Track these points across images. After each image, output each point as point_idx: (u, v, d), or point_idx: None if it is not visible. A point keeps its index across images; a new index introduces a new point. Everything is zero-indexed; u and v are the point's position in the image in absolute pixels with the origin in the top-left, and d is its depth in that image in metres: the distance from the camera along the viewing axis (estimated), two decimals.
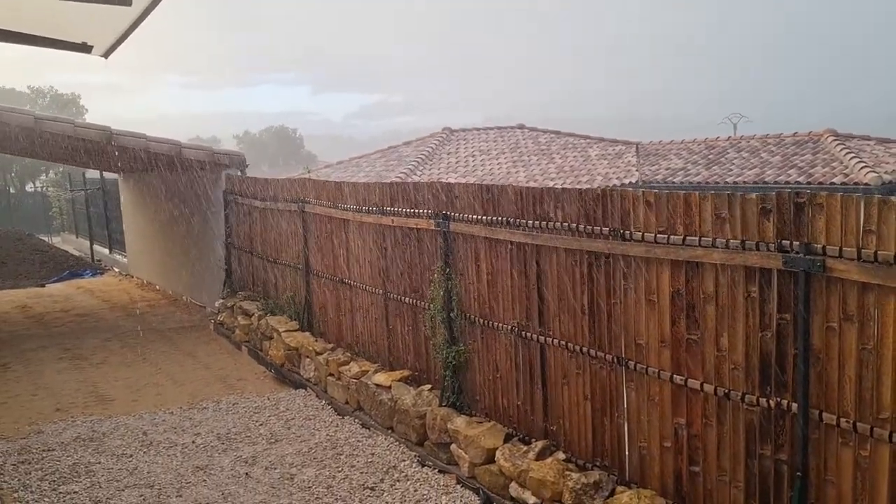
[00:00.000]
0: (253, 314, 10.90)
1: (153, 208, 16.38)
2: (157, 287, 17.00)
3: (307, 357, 9.05)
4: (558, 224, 5.31)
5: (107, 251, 22.02)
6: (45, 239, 26.90)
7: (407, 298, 7.42)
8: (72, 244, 27.28)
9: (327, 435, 7.40)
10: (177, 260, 15.30)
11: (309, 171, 13.05)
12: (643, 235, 4.65)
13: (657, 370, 4.71)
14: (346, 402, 8.04)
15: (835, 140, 18.53)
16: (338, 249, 8.81)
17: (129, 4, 4.64)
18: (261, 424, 7.78)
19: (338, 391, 8.22)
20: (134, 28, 5.41)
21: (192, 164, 12.75)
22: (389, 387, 7.31)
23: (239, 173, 12.53)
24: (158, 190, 15.58)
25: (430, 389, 6.96)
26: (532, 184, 20.24)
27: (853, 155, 17.22)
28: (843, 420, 3.73)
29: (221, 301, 12.47)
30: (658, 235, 4.55)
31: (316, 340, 9.28)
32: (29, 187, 46.53)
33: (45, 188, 39.58)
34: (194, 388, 9.23)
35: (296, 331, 9.76)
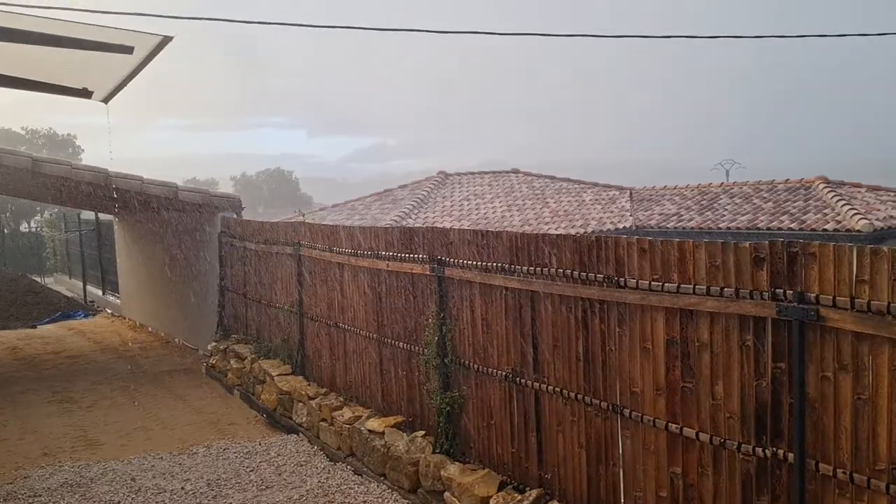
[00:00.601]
0: (246, 357, 10.82)
1: (148, 250, 16.37)
2: (150, 329, 16.90)
3: (300, 402, 8.97)
4: (553, 270, 5.33)
5: (100, 292, 21.92)
6: (38, 279, 26.77)
7: (401, 343, 7.39)
8: (65, 285, 27.16)
9: (319, 482, 7.30)
10: (170, 302, 15.24)
11: (303, 214, 13.08)
12: (638, 283, 4.66)
13: (652, 418, 4.68)
14: (339, 448, 7.94)
15: (826, 187, 18.72)
16: (332, 293, 8.80)
17: (131, 52, 4.71)
18: (251, 470, 7.68)
19: (330, 437, 8.13)
20: (134, 75, 5.49)
21: (187, 206, 12.79)
22: (382, 433, 7.24)
23: (234, 216, 12.55)
24: (153, 232, 15.59)
25: (424, 436, 6.90)
26: (526, 228, 20.34)
27: (845, 202, 17.39)
28: (839, 471, 3.70)
29: (214, 344, 12.38)
30: (653, 283, 4.56)
31: (309, 385, 9.20)
32: (23, 227, 46.49)
33: (39, 228, 39.54)
34: (185, 433, 9.11)
35: (289, 375, 9.69)
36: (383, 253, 7.51)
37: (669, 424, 4.57)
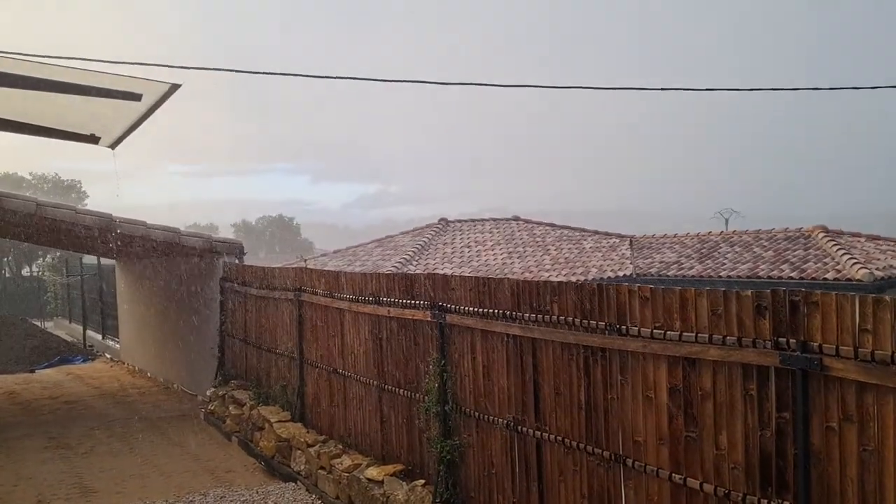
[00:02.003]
0: (245, 404, 10.73)
1: (148, 295, 16.36)
2: (149, 374, 16.79)
3: (298, 449, 8.87)
4: (554, 318, 5.32)
5: (100, 337, 21.84)
6: (39, 324, 26.69)
7: (401, 390, 7.34)
8: (64, 329, 27.06)
9: None
10: (170, 347, 15.17)
11: (305, 260, 13.10)
12: (640, 330, 4.65)
13: (655, 468, 4.63)
14: (337, 497, 7.83)
15: (826, 236, 18.78)
16: (332, 339, 8.77)
17: (139, 100, 4.79)
18: None
19: (329, 485, 8.02)
20: (142, 122, 5.57)
21: (189, 251, 12.83)
22: (382, 481, 7.14)
23: (236, 261, 12.57)
24: (155, 276, 15.60)
25: (424, 485, 6.80)
26: (527, 275, 20.35)
27: (844, 251, 17.42)
28: None
29: (213, 390, 12.29)
30: (654, 331, 4.55)
31: (308, 432, 9.11)
32: (25, 272, 46.52)
33: (41, 273, 39.55)
34: (181, 480, 8.99)
35: (288, 421, 9.59)
36: (384, 299, 7.50)
37: (673, 475, 4.51)
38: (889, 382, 3.42)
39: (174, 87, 4.91)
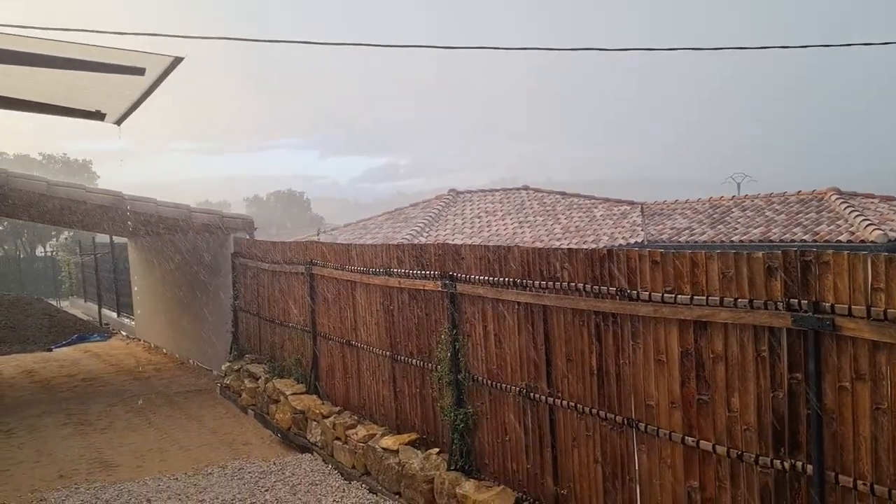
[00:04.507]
0: (259, 377, 10.83)
1: (161, 272, 16.46)
2: (165, 350, 16.95)
3: (314, 420, 8.95)
4: (565, 284, 5.31)
5: (115, 315, 22.04)
6: (54, 303, 26.96)
7: (414, 360, 7.37)
8: (80, 308, 27.32)
9: (334, 501, 7.27)
10: (184, 323, 15.29)
11: (319, 234, 13.15)
12: (650, 295, 4.64)
13: (668, 432, 4.64)
14: (353, 467, 7.91)
15: (839, 198, 18.61)
16: (345, 311, 8.81)
17: (143, 74, 4.76)
18: (266, 490, 7.66)
19: (344, 455, 8.10)
20: (146, 96, 5.55)
21: (200, 227, 12.86)
22: (397, 451, 7.20)
23: (247, 236, 12.61)
24: (167, 254, 15.68)
25: (438, 453, 6.86)
26: (538, 244, 20.32)
27: (858, 213, 17.27)
28: (859, 482, 3.65)
29: (228, 364, 12.41)
30: (665, 295, 4.54)
31: (322, 403, 9.19)
32: (39, 252, 46.86)
33: (54, 252, 39.84)
34: (200, 454, 9.11)
35: (302, 394, 9.68)
36: (395, 270, 7.51)
37: (686, 438, 4.52)
38: None
39: (177, 60, 4.88)
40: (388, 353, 7.86)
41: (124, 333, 20.45)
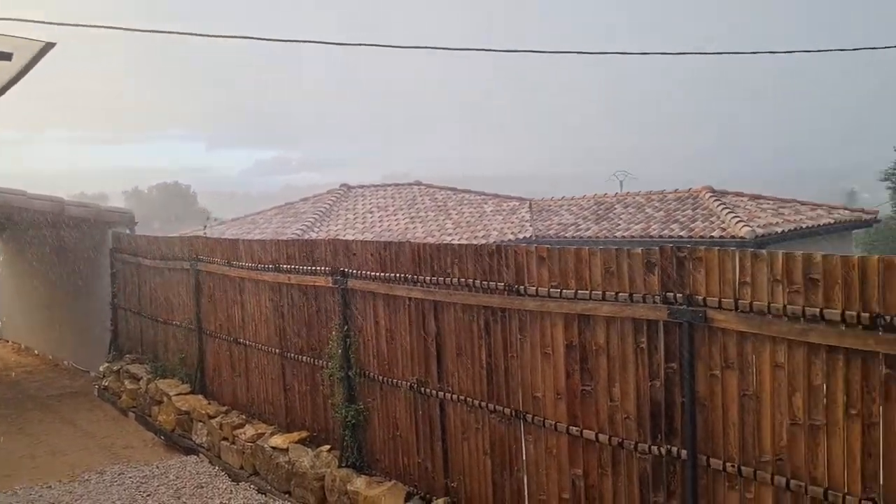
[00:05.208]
0: (141, 378, 10.41)
1: (34, 269, 15.50)
2: (36, 352, 15.98)
3: (200, 421, 8.69)
4: (455, 280, 5.38)
5: None
6: None
7: (304, 357, 7.28)
8: None
9: (220, 503, 7.08)
10: (58, 323, 14.48)
11: (205, 229, 12.73)
12: (537, 290, 4.77)
13: (554, 422, 4.79)
14: (241, 467, 7.74)
15: (712, 196, 19.66)
16: (232, 308, 8.59)
17: (10, 59, 4.48)
18: (148, 495, 7.37)
19: (232, 456, 7.91)
20: (14, 83, 5.21)
21: (77, 222, 12.21)
22: (287, 449, 7.10)
23: (127, 231, 12.09)
24: (39, 250, 14.78)
25: (329, 450, 6.81)
26: (430, 239, 20.45)
27: (729, 210, 18.31)
28: (728, 464, 3.89)
29: (107, 365, 11.85)
30: (551, 290, 4.68)
31: (209, 403, 8.94)
32: None
33: None
34: (76, 459, 8.66)
35: (187, 394, 9.37)
36: (285, 266, 7.39)
37: (570, 427, 4.69)
38: (765, 331, 3.64)
39: (48, 46, 4.59)
40: (277, 350, 7.72)
41: None
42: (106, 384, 11.44)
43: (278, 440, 7.27)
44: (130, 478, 7.91)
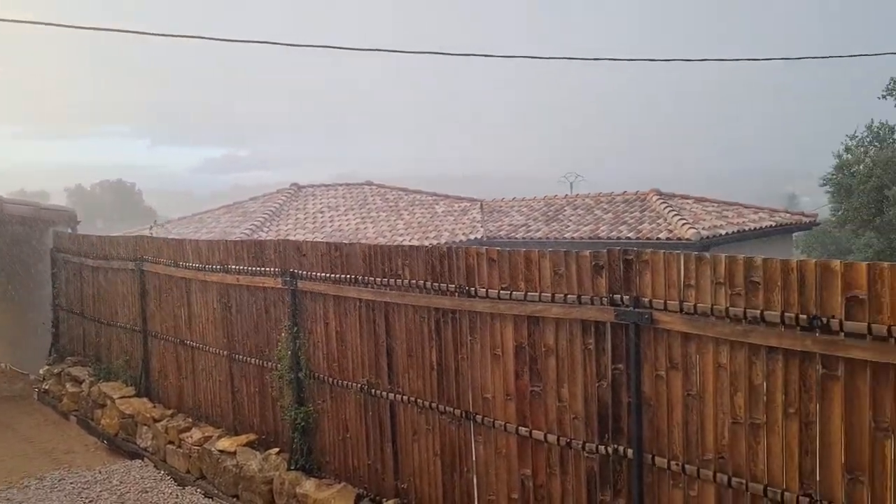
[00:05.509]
0: (83, 381, 10.15)
1: None
2: None
3: (144, 425, 8.52)
4: (406, 281, 5.38)
5: None
6: None
7: (253, 359, 7.20)
8: None
9: None
10: None
11: (151, 228, 12.44)
12: (487, 292, 4.80)
13: (504, 423, 4.83)
14: (188, 472, 7.61)
15: (659, 199, 20.04)
16: (179, 309, 8.44)
17: None
18: (91, 501, 7.19)
19: (178, 460, 7.77)
20: None
21: (15, 220, 11.85)
22: (234, 452, 7.01)
23: (69, 230, 11.78)
24: None
25: (278, 453, 6.74)
26: (381, 240, 20.38)
27: (675, 213, 18.69)
28: (673, 463, 3.97)
29: (47, 367, 11.53)
30: (501, 292, 4.71)
31: (154, 406, 8.76)
32: None
33: None
34: (14, 464, 8.40)
35: (132, 397, 9.17)
36: (233, 267, 7.29)
37: (520, 428, 4.73)
38: (709, 332, 3.73)
39: None
40: (225, 352, 7.61)
41: None
42: (46, 387, 11.13)
43: (226, 443, 7.17)
44: (72, 483, 7.70)
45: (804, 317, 3.37)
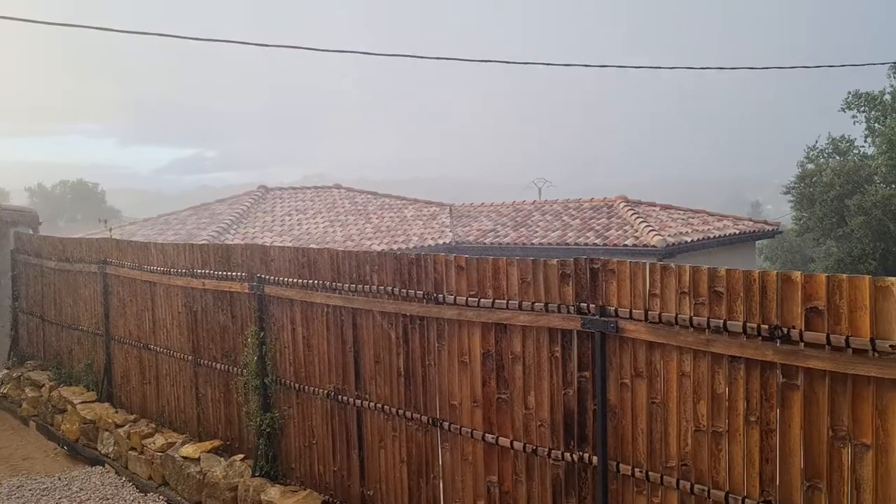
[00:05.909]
0: (43, 385, 9.96)
1: None
2: None
3: (106, 430, 8.38)
4: (374, 287, 5.37)
5: None
6: None
7: (218, 364, 7.12)
8: None
9: None
10: None
11: (111, 229, 12.26)
12: (455, 299, 4.81)
13: (470, 430, 4.84)
14: (150, 478, 7.50)
15: (626, 206, 20.25)
16: (143, 313, 8.32)
17: None
18: None
19: (140, 466, 7.66)
20: None
21: None
22: (198, 459, 6.92)
23: (30, 231, 11.55)
24: None
25: (243, 459, 6.68)
26: (349, 244, 20.31)
27: (642, 220, 18.89)
28: (636, 470, 4.02)
29: (6, 372, 11.29)
30: (469, 299, 4.73)
31: (116, 412, 8.63)
32: None
33: None
34: None
35: (93, 402, 9.02)
36: (199, 271, 7.22)
37: (486, 435, 4.74)
38: (673, 341, 3.79)
39: None
40: (190, 357, 7.53)
41: None
42: (5, 392, 10.90)
43: (189, 449, 7.08)
44: (30, 490, 7.55)
45: (765, 327, 3.44)
